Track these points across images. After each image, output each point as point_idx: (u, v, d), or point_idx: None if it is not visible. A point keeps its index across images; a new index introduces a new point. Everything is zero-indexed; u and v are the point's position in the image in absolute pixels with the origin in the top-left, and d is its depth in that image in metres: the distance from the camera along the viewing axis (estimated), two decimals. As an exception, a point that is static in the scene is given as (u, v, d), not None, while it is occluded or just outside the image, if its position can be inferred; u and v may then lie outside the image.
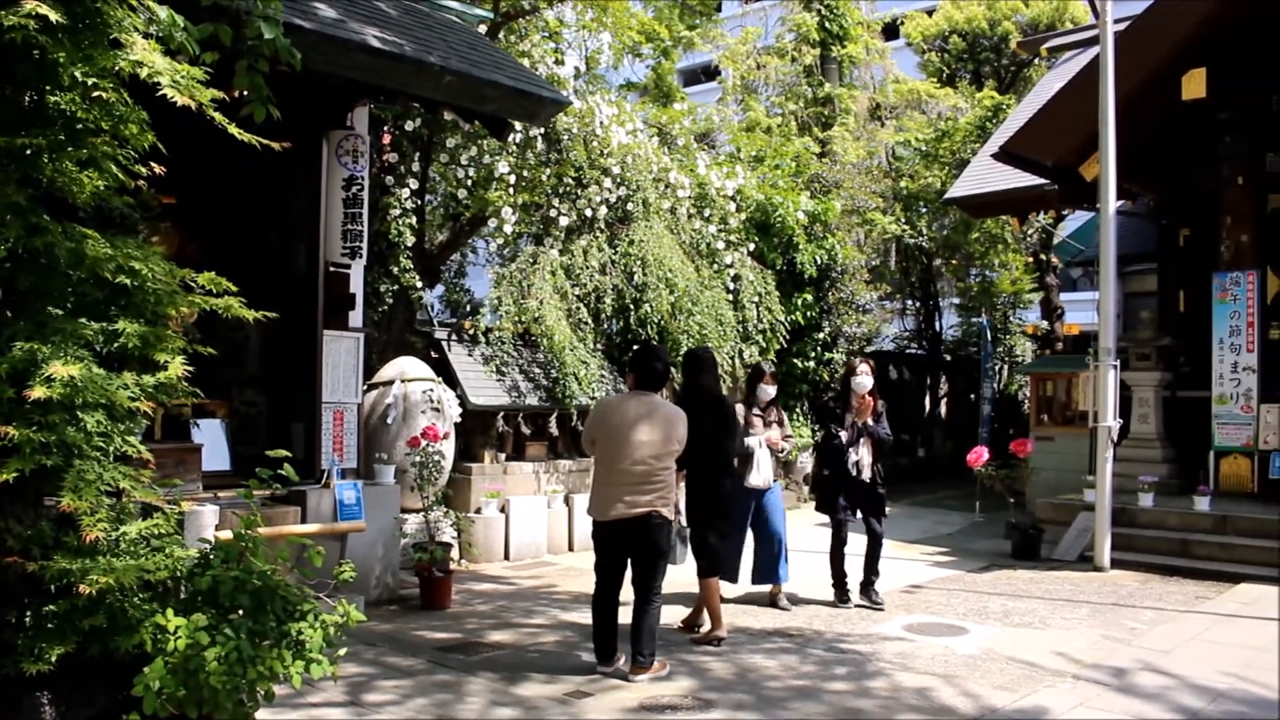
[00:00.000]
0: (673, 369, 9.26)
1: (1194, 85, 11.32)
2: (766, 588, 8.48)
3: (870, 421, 8.18)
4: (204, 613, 3.91)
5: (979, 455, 11.16)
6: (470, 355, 11.27)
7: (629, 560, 6.41)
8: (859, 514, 8.40)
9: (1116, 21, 11.05)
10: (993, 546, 11.36)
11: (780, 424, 8.39)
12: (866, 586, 8.39)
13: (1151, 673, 6.47)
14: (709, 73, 26.97)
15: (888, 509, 8.58)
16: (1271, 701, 5.91)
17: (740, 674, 6.41)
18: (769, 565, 8.34)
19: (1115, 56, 10.30)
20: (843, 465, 8.20)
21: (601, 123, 12.00)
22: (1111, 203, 10.36)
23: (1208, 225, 12.59)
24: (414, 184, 10.67)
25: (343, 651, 4.39)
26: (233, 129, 4.08)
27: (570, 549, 11.17)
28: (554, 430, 11.45)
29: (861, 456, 8.17)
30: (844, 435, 8.22)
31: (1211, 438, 11.92)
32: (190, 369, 4.19)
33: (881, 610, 8.17)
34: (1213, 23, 10.90)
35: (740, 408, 8.10)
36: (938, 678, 6.29)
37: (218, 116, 3.96)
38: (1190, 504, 10.82)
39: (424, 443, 8.68)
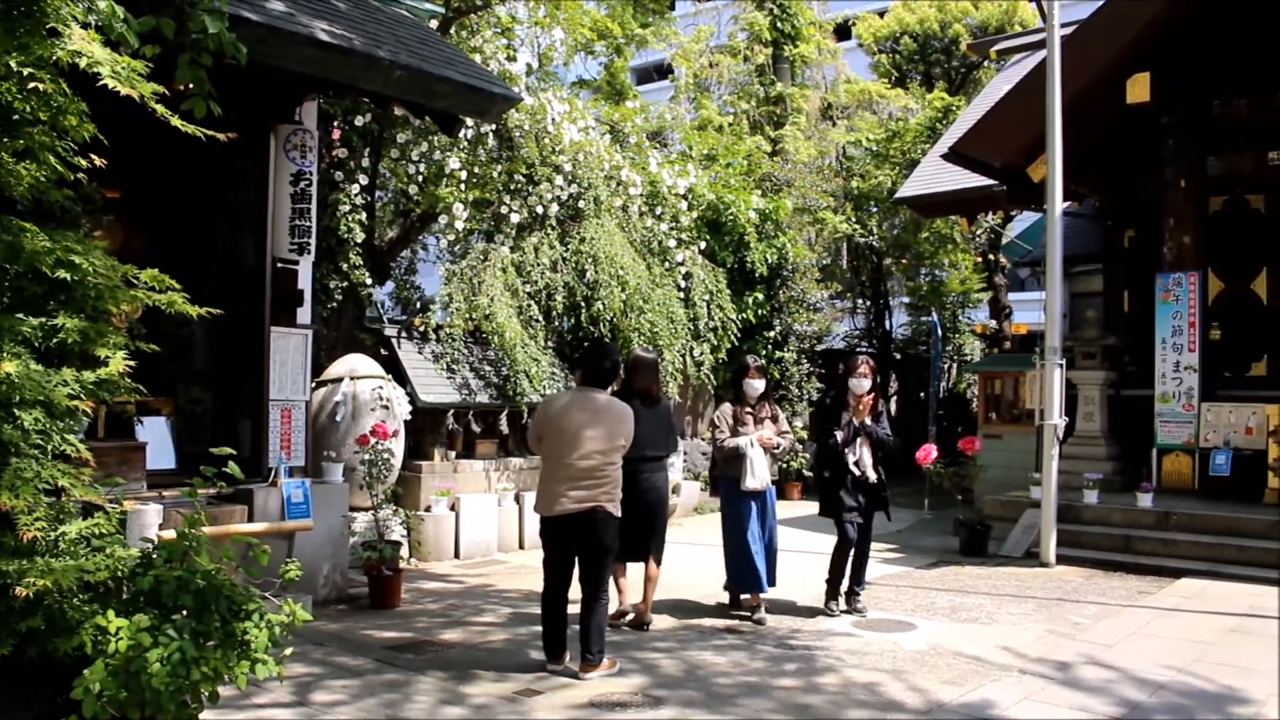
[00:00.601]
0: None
1: (1138, 89, 11.50)
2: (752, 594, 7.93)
3: (869, 421, 7.97)
4: (146, 613, 3.84)
5: (928, 453, 11.26)
6: (420, 353, 11.20)
7: (577, 557, 6.44)
8: (866, 515, 8.06)
9: (1064, 26, 11.19)
10: (941, 543, 11.46)
11: (774, 420, 8.05)
12: (851, 595, 8.11)
13: (1095, 666, 6.57)
14: (662, 71, 26.99)
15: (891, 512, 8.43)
16: (1210, 693, 6.01)
17: (690, 671, 6.41)
18: (769, 570, 7.98)
19: (1062, 60, 10.43)
20: (843, 466, 7.92)
21: (553, 120, 11.97)
22: (1058, 204, 10.48)
23: (1152, 227, 12.79)
24: (364, 180, 10.59)
25: (289, 651, 4.34)
26: (175, 121, 4.01)
27: (521, 547, 11.13)
28: (504, 428, 11.41)
29: (862, 456, 7.92)
30: (839, 435, 7.95)
31: (1154, 435, 12.13)
32: (133, 365, 4.12)
33: (865, 615, 7.94)
34: (1156, 28, 11.08)
35: (727, 406, 8.13)
36: (886, 673, 6.34)
37: (159, 109, 3.89)
38: (1134, 501, 10.98)
39: (373, 440, 8.61)
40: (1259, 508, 10.73)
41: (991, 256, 19.89)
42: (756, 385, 8.00)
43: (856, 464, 7.88)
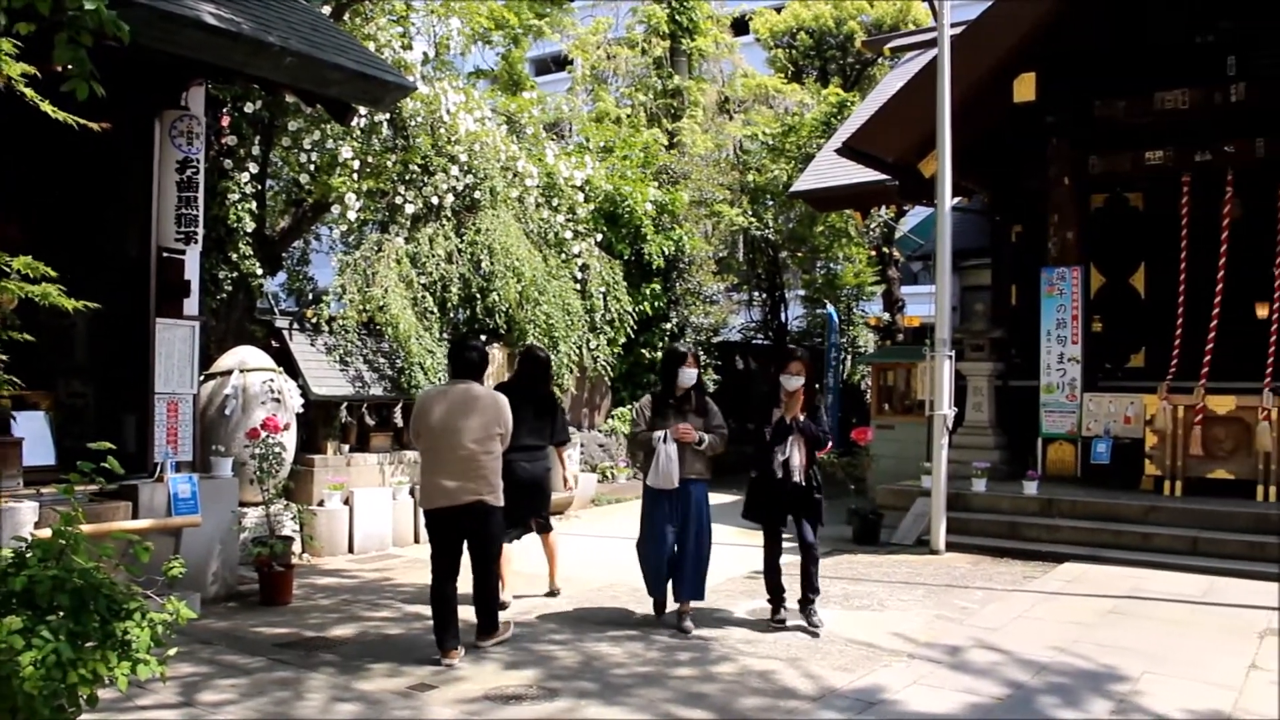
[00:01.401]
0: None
1: (1024, 88, 11.82)
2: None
3: (801, 417, 7.28)
4: (19, 615, 3.71)
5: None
6: (313, 345, 11.00)
7: (464, 547, 6.59)
8: (789, 520, 7.50)
9: (954, 25, 11.46)
10: (835, 532, 11.59)
11: (702, 413, 7.39)
12: (805, 605, 7.41)
13: (982, 649, 6.74)
14: (560, 62, 26.87)
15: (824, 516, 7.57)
16: (1089, 671, 6.22)
17: (586, 662, 6.42)
18: (683, 577, 7.32)
19: (952, 59, 10.66)
20: (769, 467, 7.31)
21: (449, 110, 11.85)
22: (948, 199, 10.71)
23: (1038, 223, 13.15)
24: (254, 168, 10.34)
25: (174, 651, 4.24)
26: (46, 106, 3.87)
27: (416, 541, 11.03)
28: (399, 421, 11.27)
29: (791, 456, 7.24)
30: (766, 432, 7.37)
31: (1040, 425, 12.49)
32: (5, 358, 3.97)
33: (818, 635, 7.10)
34: (1041, 30, 11.41)
35: (648, 397, 7.61)
36: (780, 661, 6.43)
37: (29, 93, 3.75)
38: (1020, 488, 11.30)
39: (264, 434, 8.45)
40: (1136, 494, 11.14)
41: (885, 250, 20.28)
42: (690, 374, 7.31)
43: (785, 464, 7.25)
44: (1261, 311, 11.98)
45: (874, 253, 20.64)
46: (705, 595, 7.50)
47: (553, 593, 8.42)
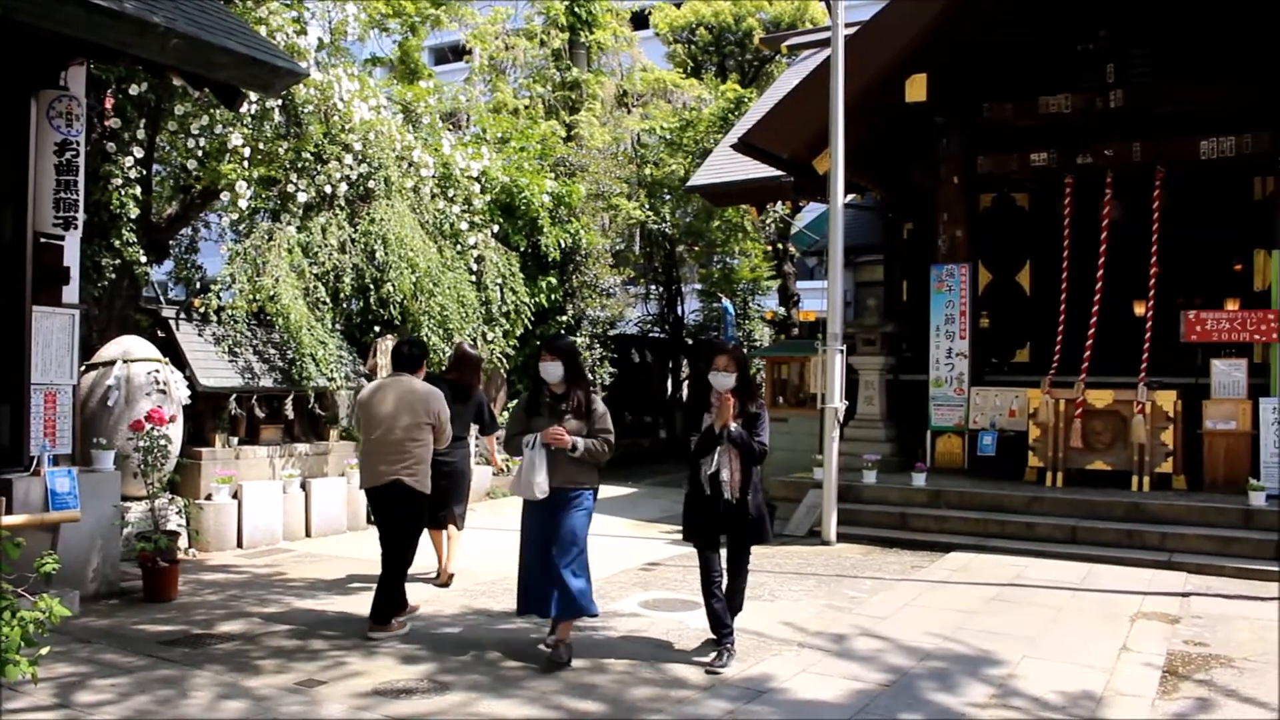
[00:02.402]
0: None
1: (916, 89, 12.06)
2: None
3: (733, 426, 6.29)
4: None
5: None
6: (201, 335, 10.74)
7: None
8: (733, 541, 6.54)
9: (849, 25, 11.64)
10: (728, 524, 11.74)
11: (581, 414, 6.47)
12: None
13: (869, 637, 6.89)
14: (458, 52, 26.62)
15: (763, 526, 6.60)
16: (969, 657, 6.39)
17: (479, 655, 6.39)
18: (553, 595, 6.39)
19: (846, 58, 10.83)
20: (698, 480, 6.46)
21: (343, 97, 11.64)
22: (840, 196, 10.88)
23: (928, 221, 13.45)
24: (139, 152, 10.02)
25: (46, 650, 4.11)
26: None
27: (308, 534, 10.87)
28: (290, 413, 11.06)
29: (721, 468, 6.29)
30: (692, 441, 6.52)
31: (929, 418, 12.78)
32: None
33: (719, 674, 6.06)
34: (932, 32, 11.65)
35: (526, 396, 7.00)
36: (672, 650, 6.48)
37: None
38: (909, 480, 11.55)
39: (148, 426, 8.23)
40: (1020, 485, 11.47)
41: (781, 245, 20.55)
42: (551, 369, 6.55)
43: (713, 479, 6.31)
44: (1139, 309, 12.43)
45: (770, 248, 20.90)
46: (583, 613, 6.43)
47: (445, 583, 8.46)
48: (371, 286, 11.78)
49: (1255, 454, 10.73)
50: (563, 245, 14.85)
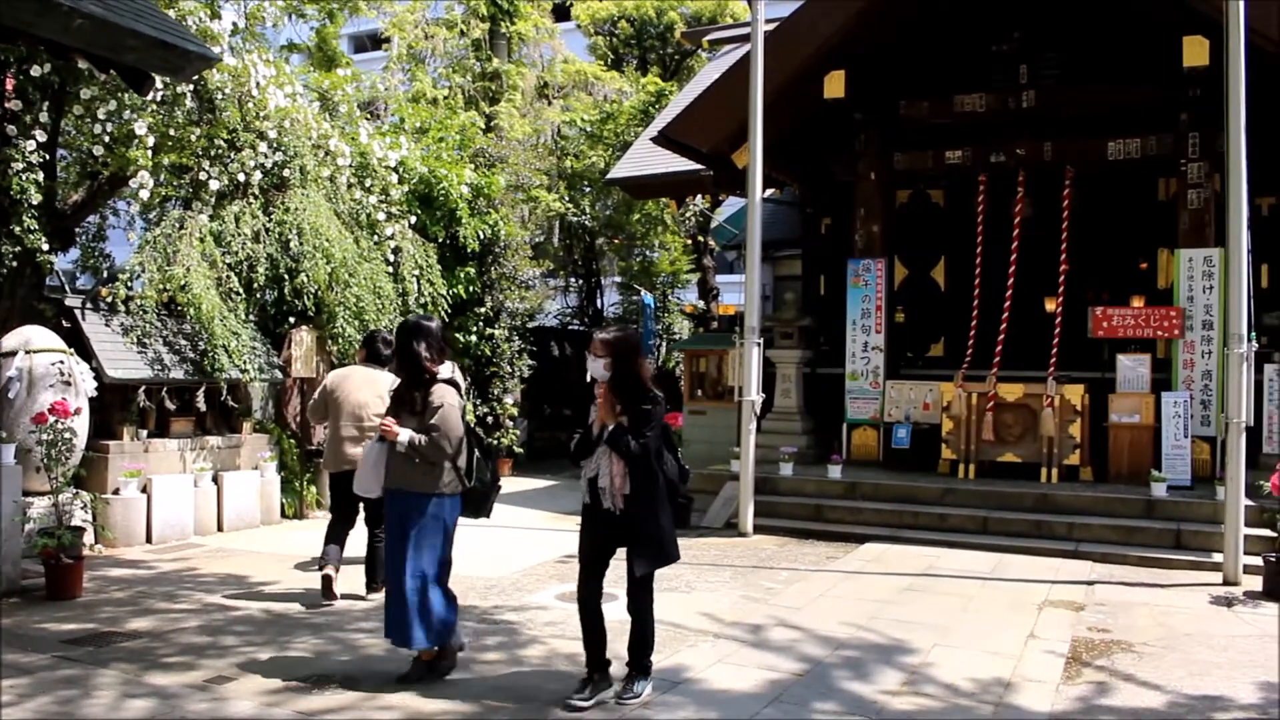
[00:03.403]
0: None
1: (834, 85, 12.20)
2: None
3: (611, 425, 5.40)
4: None
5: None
6: (108, 325, 10.47)
7: (358, 507, 7.76)
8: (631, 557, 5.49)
9: (770, 21, 11.72)
10: (647, 516, 11.77)
11: (419, 409, 5.72)
12: (627, 677, 5.56)
13: (784, 628, 6.96)
14: (377, 40, 26.29)
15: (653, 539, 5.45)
16: (882, 646, 6.49)
17: (393, 649, 6.31)
18: (391, 615, 5.72)
19: (765, 54, 10.92)
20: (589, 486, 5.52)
21: (258, 84, 11.41)
22: (758, 190, 10.97)
23: (846, 216, 13.62)
24: (42, 136, 9.71)
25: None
26: None
27: (220, 529, 10.70)
28: (202, 405, 10.85)
29: (600, 473, 5.42)
30: (573, 442, 5.69)
31: (845, 411, 12.94)
32: None
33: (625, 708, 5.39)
34: (849, 30, 11.78)
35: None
36: (589, 644, 6.48)
37: None
38: (825, 472, 11.69)
39: (52, 419, 8.01)
40: (933, 476, 11.67)
41: (701, 239, 20.64)
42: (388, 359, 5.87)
43: (592, 484, 5.47)
44: (1050, 305, 12.71)
45: (690, 241, 20.99)
46: (422, 644, 5.65)
47: None
48: (286, 277, 11.59)
49: (1158, 446, 11.04)
50: (481, 236, 14.73)
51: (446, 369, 5.81)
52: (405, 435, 5.63)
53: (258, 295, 11.85)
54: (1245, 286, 8.63)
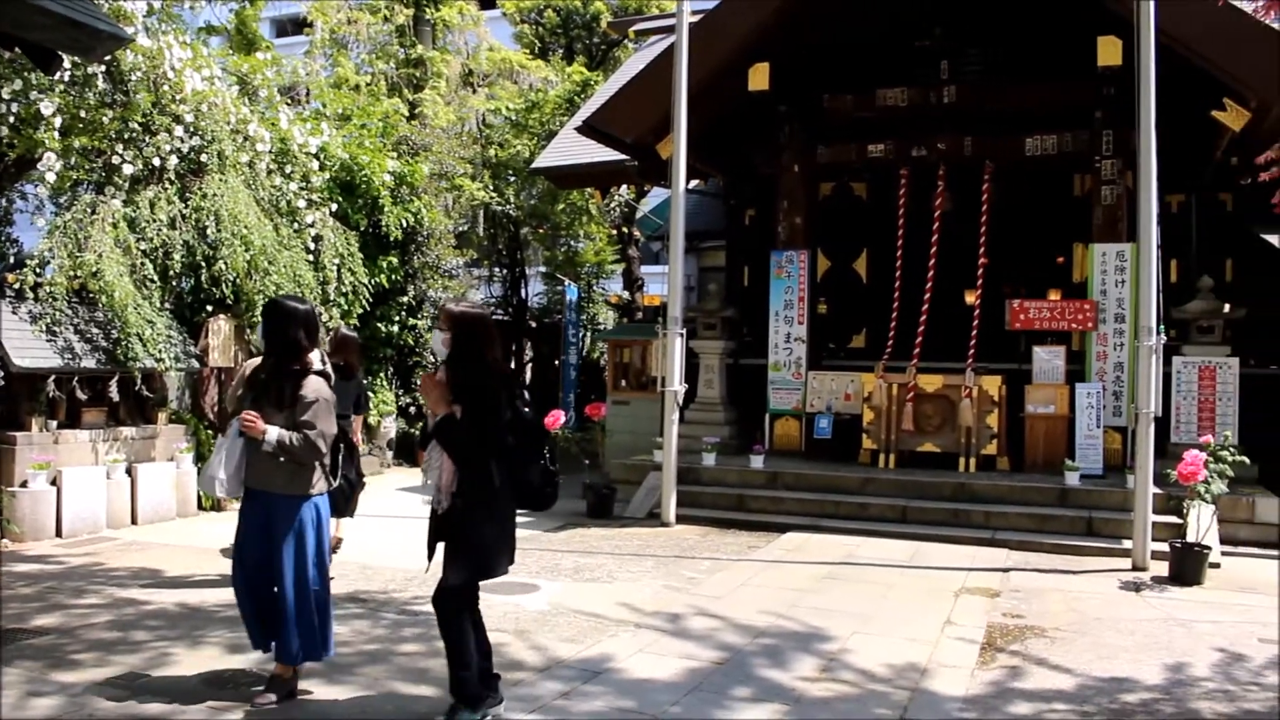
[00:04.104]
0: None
1: (759, 78, 12.25)
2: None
3: (441, 413, 4.83)
4: None
5: (555, 419, 11.49)
6: (15, 313, 10.17)
7: None
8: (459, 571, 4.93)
9: (695, 12, 11.74)
10: (569, 506, 11.73)
11: (286, 402, 5.12)
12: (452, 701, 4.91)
13: (705, 617, 6.99)
14: (299, 25, 25.87)
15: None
16: (800, 634, 6.55)
17: (311, 643, 6.24)
18: (266, 628, 5.26)
19: (690, 45, 10.92)
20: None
21: (174, 66, 11.16)
22: (682, 181, 10.98)
23: (769, 207, 13.69)
24: (-55, 116, 9.45)
25: None
26: None
27: (134, 522, 10.48)
28: (115, 395, 10.61)
29: (430, 468, 4.90)
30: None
31: (768, 401, 13.02)
32: None
33: None
34: (773, 23, 11.83)
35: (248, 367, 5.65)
36: (509, 634, 6.45)
37: None
38: (747, 462, 11.76)
39: (-46, 408, 7.77)
40: (854, 466, 11.80)
41: (626, 230, 20.64)
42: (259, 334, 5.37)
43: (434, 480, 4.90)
44: (969, 298, 12.91)
45: (615, 232, 20.97)
46: (308, 659, 5.27)
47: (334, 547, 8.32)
48: (203, 264, 11.36)
49: (1072, 436, 11.27)
50: (404, 225, 14.59)
51: (316, 358, 5.31)
52: (274, 434, 5.02)
53: (174, 283, 11.60)
54: (1155, 281, 8.85)
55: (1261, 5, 6.58)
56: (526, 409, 4.94)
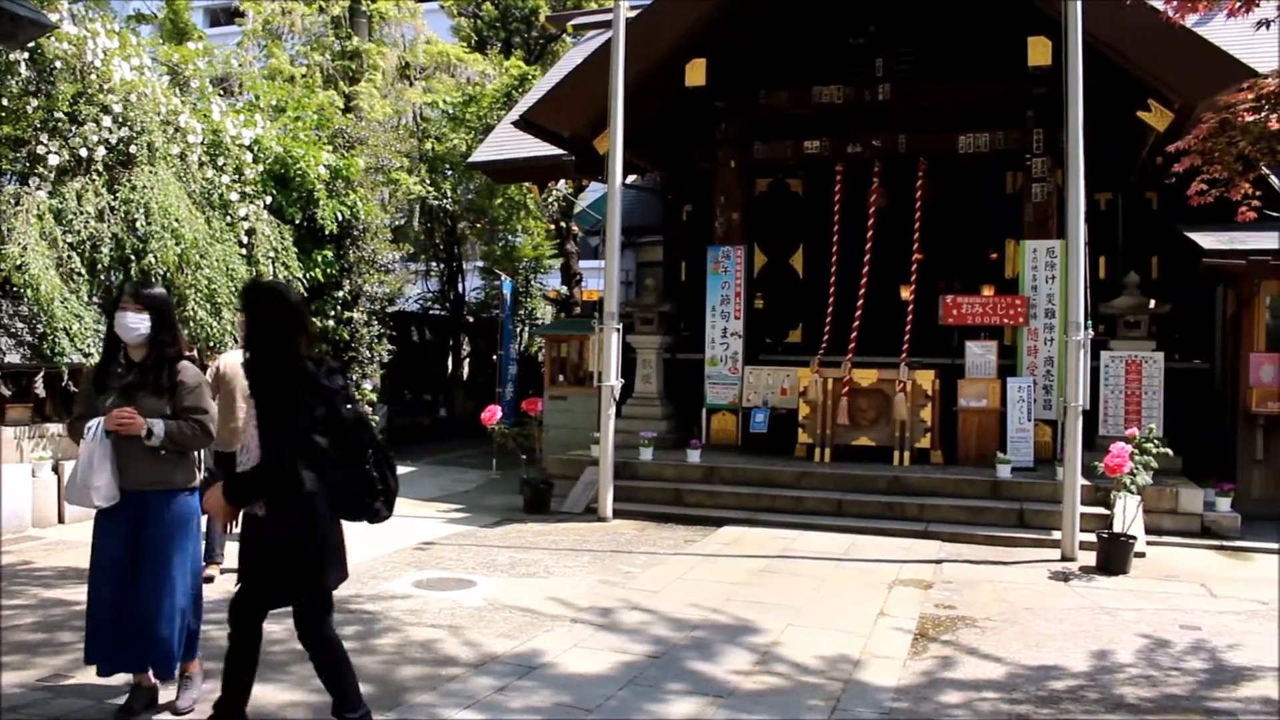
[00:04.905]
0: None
1: (695, 73, 12.28)
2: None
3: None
4: None
5: (492, 414, 11.49)
6: (-64, 306, 9.94)
7: None
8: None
9: (633, 8, 11.75)
10: (507, 502, 11.75)
11: (163, 390, 4.88)
12: None
13: (640, 611, 7.01)
14: (231, 14, 25.50)
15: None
16: (733, 627, 6.60)
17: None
18: (133, 635, 4.87)
19: (627, 40, 10.93)
20: None
21: (100, 54, 10.94)
22: (618, 176, 10.98)
23: (707, 203, 13.75)
24: None
25: None
26: None
27: (61, 521, 10.27)
28: (41, 391, 10.38)
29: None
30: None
31: (704, 396, 13.08)
32: None
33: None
34: (709, 21, 11.90)
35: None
36: (444, 629, 6.43)
37: None
38: (684, 457, 11.80)
39: None
40: (790, 460, 11.89)
41: (564, 224, 20.61)
42: (134, 325, 4.84)
43: None
44: (904, 293, 13.06)
45: (553, 227, 20.93)
46: (169, 673, 4.99)
47: None
48: (133, 258, 11.14)
49: (1004, 430, 11.45)
50: (340, 219, 14.40)
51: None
52: (161, 426, 4.75)
53: (102, 277, 11.37)
54: (1083, 277, 9.01)
55: (1174, 6, 6.73)
56: (350, 406, 4.49)
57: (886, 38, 12.64)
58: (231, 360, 8.00)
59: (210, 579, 7.39)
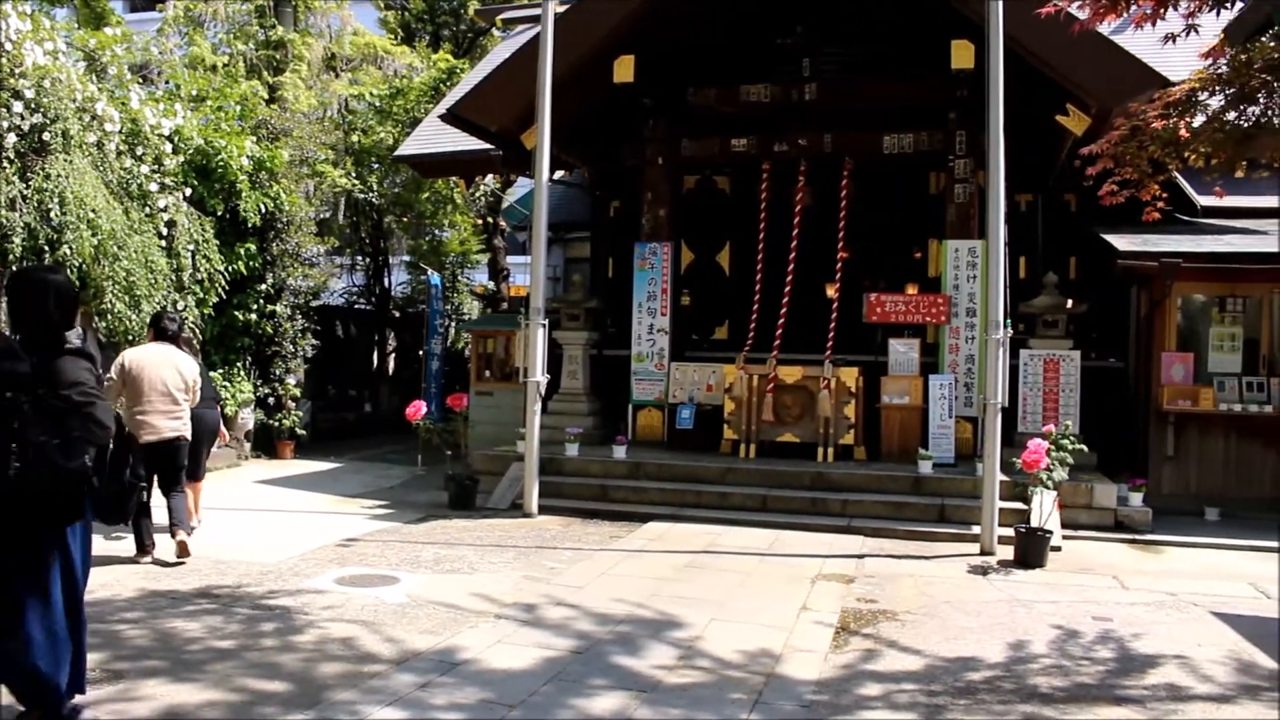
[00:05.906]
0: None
1: (624, 70, 12.29)
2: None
3: None
4: None
5: (417, 409, 11.39)
6: None
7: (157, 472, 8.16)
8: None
9: (562, 3, 11.71)
10: (432, 498, 11.65)
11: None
12: None
13: (564, 607, 6.99)
14: (153, 1, 24.93)
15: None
16: (656, 622, 6.61)
17: (161, 640, 6.05)
18: (27, 664, 4.39)
19: (556, 35, 10.90)
20: None
21: (11, 38, 10.65)
22: (545, 171, 10.95)
23: (634, 200, 13.75)
24: None
25: None
26: None
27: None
28: (-51, 384, 10.07)
29: None
30: None
31: (631, 392, 13.10)
32: None
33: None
34: (637, 18, 11.90)
35: None
36: (365, 626, 6.36)
37: None
38: (610, 453, 11.80)
39: None
40: (715, 456, 11.93)
41: (491, 219, 20.50)
42: None
43: None
44: (829, 291, 13.17)
45: (480, 221, 20.81)
46: (77, 693, 4.66)
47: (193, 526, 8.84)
48: (47, 248, 10.87)
49: (925, 426, 11.62)
50: (263, 211, 14.20)
51: (75, 337, 4.60)
52: None
53: (14, 267, 11.08)
54: (1003, 277, 9.17)
55: (1088, 9, 6.87)
56: (64, 393, 4.22)
57: (814, 38, 12.76)
58: (136, 357, 8.30)
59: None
